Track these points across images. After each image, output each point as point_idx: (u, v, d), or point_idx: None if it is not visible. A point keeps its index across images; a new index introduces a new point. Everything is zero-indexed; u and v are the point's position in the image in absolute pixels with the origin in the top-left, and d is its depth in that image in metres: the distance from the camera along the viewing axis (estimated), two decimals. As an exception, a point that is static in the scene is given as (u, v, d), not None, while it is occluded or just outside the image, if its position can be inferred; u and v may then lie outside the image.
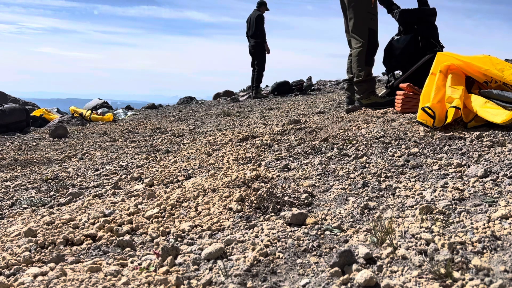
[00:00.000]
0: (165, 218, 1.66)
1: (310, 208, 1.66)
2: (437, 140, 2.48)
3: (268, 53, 9.00)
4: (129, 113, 7.98)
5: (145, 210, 1.75)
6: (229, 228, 1.51)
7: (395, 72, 4.56)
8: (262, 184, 1.92)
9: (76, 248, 1.45)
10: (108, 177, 2.60)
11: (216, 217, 1.60)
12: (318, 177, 2.07)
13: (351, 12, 4.19)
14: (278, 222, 1.50)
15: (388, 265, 1.13)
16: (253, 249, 1.28)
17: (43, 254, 1.41)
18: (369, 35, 4.13)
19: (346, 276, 1.07)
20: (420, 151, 2.32)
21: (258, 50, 8.92)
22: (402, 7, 4.23)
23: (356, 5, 4.13)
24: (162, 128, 4.91)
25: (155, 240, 1.46)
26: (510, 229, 1.24)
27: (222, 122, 5.05)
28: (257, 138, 3.22)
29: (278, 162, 2.47)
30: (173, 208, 1.75)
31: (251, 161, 2.58)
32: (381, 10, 4.25)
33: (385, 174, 1.99)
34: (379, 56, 4.67)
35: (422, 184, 1.80)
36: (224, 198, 1.77)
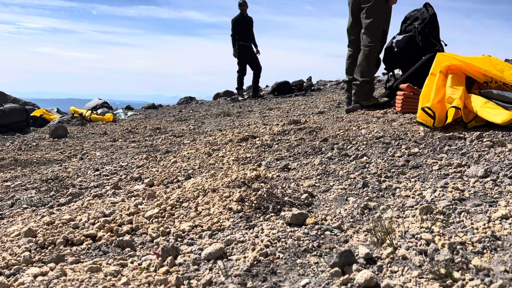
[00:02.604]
0: (165, 218, 1.66)
1: (310, 208, 1.66)
2: (437, 140, 2.48)
3: (234, 56, 8.79)
4: (129, 113, 7.97)
5: (145, 210, 1.75)
6: (229, 228, 1.51)
7: (395, 72, 4.56)
8: (262, 184, 1.92)
9: (76, 248, 1.45)
10: (108, 177, 2.60)
11: (216, 217, 1.60)
12: (318, 177, 2.07)
13: (368, 12, 4.06)
14: (278, 222, 1.50)
15: (388, 265, 1.13)
16: (253, 249, 1.28)
17: (43, 254, 1.41)
18: (382, 37, 4.10)
19: (346, 276, 1.07)
20: (420, 151, 2.32)
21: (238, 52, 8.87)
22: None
23: (373, 6, 4.02)
24: (162, 128, 4.91)
25: (155, 240, 1.46)
26: (510, 229, 1.24)
27: (222, 122, 5.05)
28: (257, 138, 3.22)
29: (278, 162, 2.47)
30: (173, 208, 1.75)
31: (251, 161, 2.58)
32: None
33: (385, 174, 1.99)
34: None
35: (422, 184, 1.80)
36: (224, 198, 1.77)
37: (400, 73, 4.40)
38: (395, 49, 4.26)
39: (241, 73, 8.95)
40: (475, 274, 1.02)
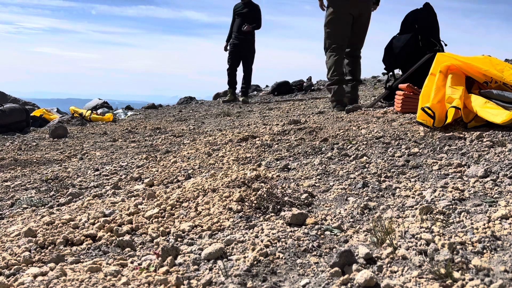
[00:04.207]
0: (165, 218, 1.66)
1: (310, 208, 1.66)
2: (437, 140, 2.48)
3: (225, 49, 8.00)
4: (129, 113, 7.97)
5: (145, 210, 1.75)
6: (229, 228, 1.51)
7: (395, 72, 4.56)
8: (262, 184, 1.92)
9: (76, 248, 1.45)
10: (108, 177, 2.60)
11: (216, 217, 1.60)
12: (318, 177, 2.07)
13: (369, 18, 4.47)
14: (278, 222, 1.50)
15: (388, 265, 1.13)
16: (253, 249, 1.28)
17: (43, 254, 1.41)
18: None
19: (346, 276, 1.07)
20: (420, 151, 2.32)
21: None
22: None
23: (370, 14, 4.48)
24: (162, 128, 4.91)
25: (155, 240, 1.46)
26: (510, 229, 1.24)
27: (222, 122, 5.05)
28: (257, 138, 3.22)
29: (278, 162, 2.47)
30: (173, 208, 1.75)
31: (251, 161, 2.58)
32: (380, 10, 4.42)
33: (385, 174, 1.99)
34: (379, 55, 4.67)
35: (422, 184, 1.80)
36: (224, 198, 1.77)
37: (400, 73, 4.41)
38: (395, 49, 4.27)
39: (232, 66, 7.78)
40: (475, 274, 1.02)
